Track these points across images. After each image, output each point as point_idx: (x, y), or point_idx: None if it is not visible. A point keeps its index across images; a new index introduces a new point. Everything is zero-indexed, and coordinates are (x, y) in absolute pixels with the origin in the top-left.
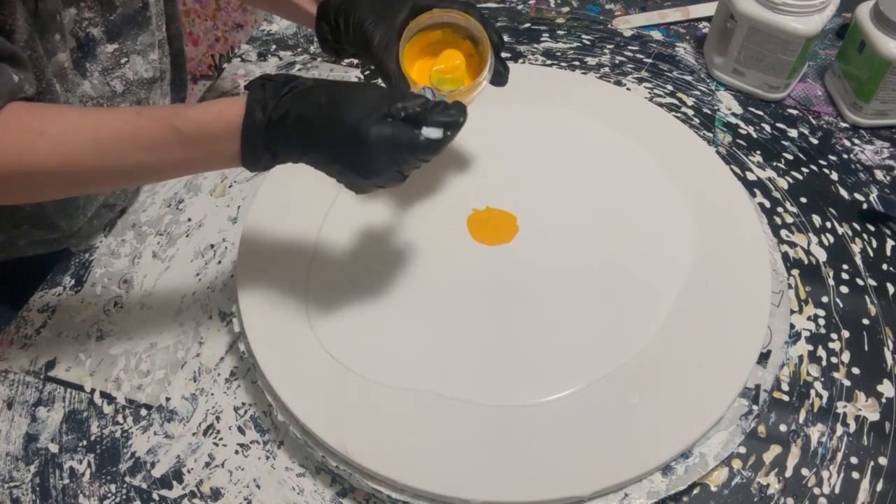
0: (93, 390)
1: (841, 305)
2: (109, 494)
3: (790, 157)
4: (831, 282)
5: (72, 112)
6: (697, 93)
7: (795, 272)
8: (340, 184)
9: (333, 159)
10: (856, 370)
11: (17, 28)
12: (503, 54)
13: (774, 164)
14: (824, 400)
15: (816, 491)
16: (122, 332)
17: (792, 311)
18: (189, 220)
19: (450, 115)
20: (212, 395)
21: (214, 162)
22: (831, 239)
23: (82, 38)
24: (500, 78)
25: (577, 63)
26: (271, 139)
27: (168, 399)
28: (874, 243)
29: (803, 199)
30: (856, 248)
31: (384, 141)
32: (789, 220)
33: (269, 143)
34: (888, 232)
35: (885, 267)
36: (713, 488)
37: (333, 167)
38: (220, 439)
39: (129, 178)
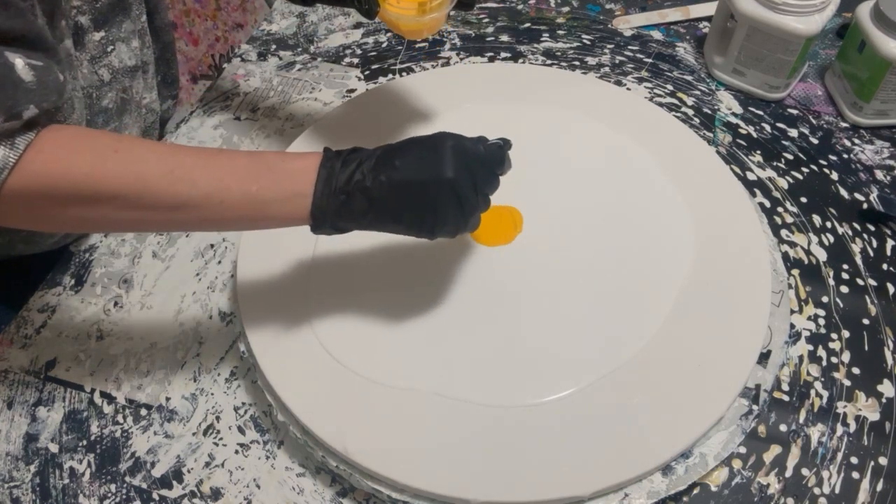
0: (93, 390)
1: (841, 305)
2: (109, 494)
3: (790, 156)
4: (831, 282)
5: (144, 140)
6: (697, 93)
7: (795, 272)
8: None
9: (417, 189)
10: (856, 370)
11: (37, 14)
12: None
13: (774, 163)
14: (824, 400)
15: (816, 491)
16: (122, 332)
17: (792, 311)
18: None
19: (498, 139)
20: (212, 395)
21: (284, 206)
22: (831, 239)
23: (71, 26)
24: None
25: (577, 63)
26: (350, 172)
27: (168, 399)
28: (874, 243)
29: (803, 199)
30: (856, 247)
31: (457, 147)
32: (789, 219)
33: (347, 178)
34: (888, 232)
35: (885, 267)
36: (713, 488)
37: (418, 198)
38: (220, 439)
39: (192, 215)
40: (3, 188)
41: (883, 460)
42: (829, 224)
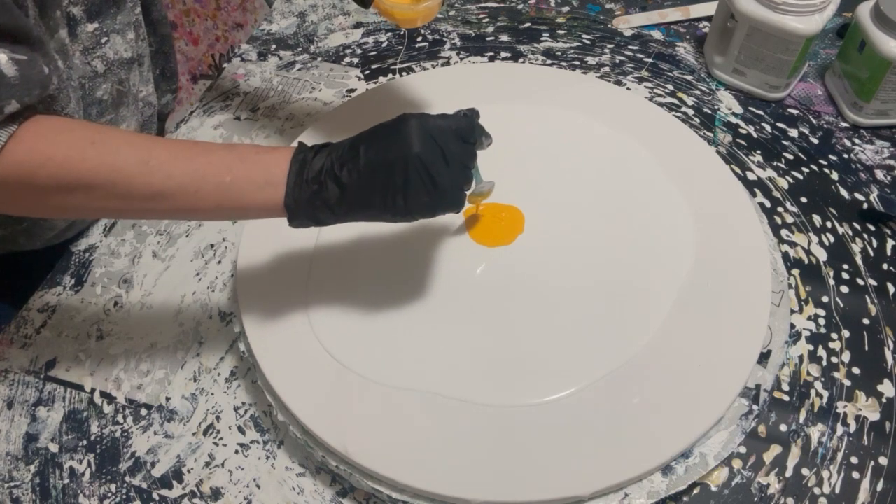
0: (93, 390)
1: (841, 305)
2: (109, 494)
3: (790, 156)
4: (831, 281)
5: (124, 131)
6: (698, 92)
7: (796, 272)
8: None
9: (385, 170)
10: (856, 370)
11: (27, 6)
12: None
13: (775, 163)
14: (824, 400)
15: (816, 491)
16: (122, 332)
17: (792, 311)
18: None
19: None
20: (212, 394)
21: (258, 195)
22: (831, 239)
23: (65, 16)
24: None
25: (577, 63)
26: (321, 162)
27: (168, 399)
28: (874, 243)
29: (803, 199)
30: (856, 247)
31: (419, 123)
32: (789, 219)
33: (319, 168)
34: (888, 232)
35: (885, 267)
36: (713, 488)
37: (387, 179)
38: (220, 439)
39: (168, 205)
40: None
41: (883, 460)
42: (829, 224)
